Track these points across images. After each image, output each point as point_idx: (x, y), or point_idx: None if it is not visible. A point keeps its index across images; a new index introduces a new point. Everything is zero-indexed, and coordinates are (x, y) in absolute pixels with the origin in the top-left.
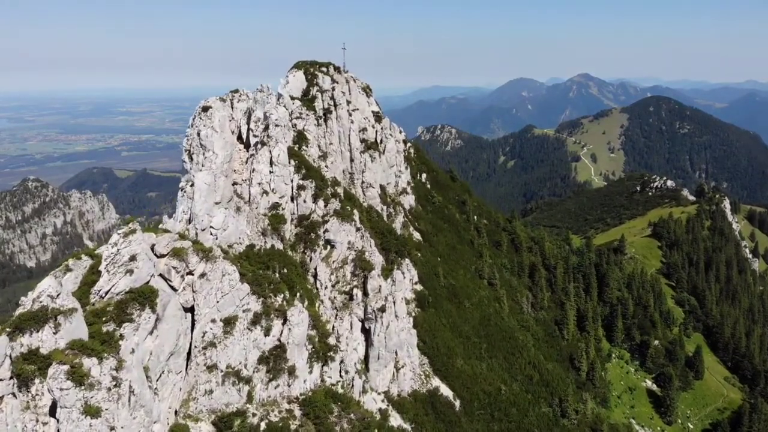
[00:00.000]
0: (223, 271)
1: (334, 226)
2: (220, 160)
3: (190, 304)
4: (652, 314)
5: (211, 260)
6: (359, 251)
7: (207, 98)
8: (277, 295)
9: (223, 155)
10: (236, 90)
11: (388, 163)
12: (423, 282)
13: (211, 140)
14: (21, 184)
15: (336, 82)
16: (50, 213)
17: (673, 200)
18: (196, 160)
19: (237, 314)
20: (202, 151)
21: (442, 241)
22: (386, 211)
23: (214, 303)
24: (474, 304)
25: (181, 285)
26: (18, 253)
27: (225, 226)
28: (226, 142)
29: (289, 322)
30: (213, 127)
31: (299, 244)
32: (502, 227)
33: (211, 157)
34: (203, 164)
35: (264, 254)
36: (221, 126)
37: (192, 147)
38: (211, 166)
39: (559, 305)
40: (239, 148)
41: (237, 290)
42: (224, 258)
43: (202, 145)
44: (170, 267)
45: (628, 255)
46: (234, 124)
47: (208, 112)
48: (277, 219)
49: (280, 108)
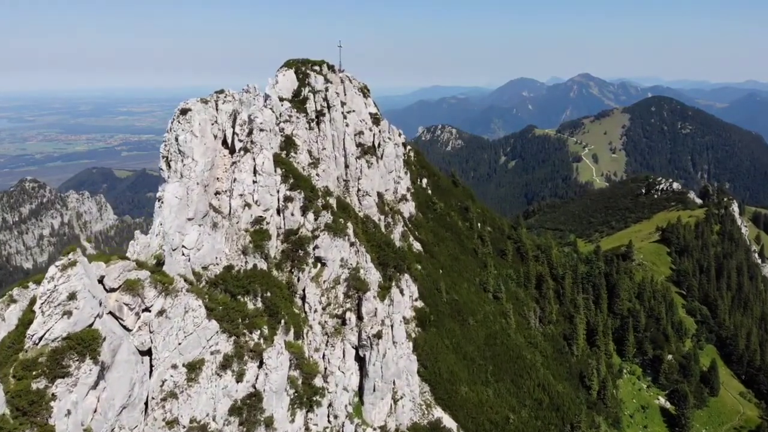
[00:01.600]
0: (186, 307)
1: (325, 242)
2: (200, 168)
3: (147, 347)
4: (665, 327)
5: (171, 294)
6: (353, 269)
7: (186, 99)
8: (253, 332)
9: (203, 162)
10: (221, 90)
11: (386, 168)
12: (424, 298)
13: (190, 146)
14: (18, 185)
15: (329, 82)
16: (47, 214)
17: (679, 203)
18: (174, 168)
19: (203, 357)
20: (181, 158)
21: (444, 252)
22: (384, 221)
23: (176, 345)
24: (479, 321)
25: (135, 324)
26: (15, 254)
27: (199, 246)
28: (207, 148)
29: (266, 365)
30: (192, 131)
31: (286, 263)
32: (507, 235)
33: (191, 164)
34: (182, 172)
35: (244, 276)
36: (202, 130)
37: (170, 153)
38: (190, 174)
39: (568, 318)
40: (223, 154)
41: (203, 329)
42: (188, 291)
43: (180, 152)
44: (122, 303)
45: (636, 261)
46: (217, 127)
47: (187, 115)
48: (261, 235)
49: (265, 111)
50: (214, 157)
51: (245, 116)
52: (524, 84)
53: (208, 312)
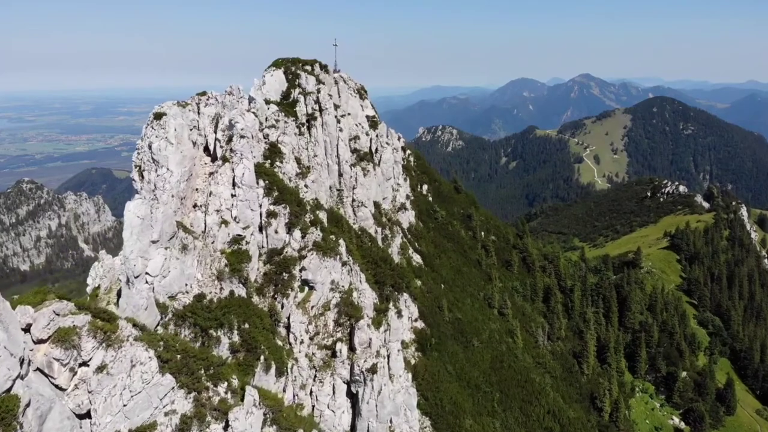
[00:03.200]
0: (134, 360)
1: (313, 263)
2: (175, 179)
3: (86, 409)
4: (679, 342)
5: (114, 344)
6: (345, 292)
7: (162, 102)
8: (219, 384)
9: (179, 172)
10: (203, 92)
11: (384, 175)
12: (424, 317)
13: (164, 154)
14: (15, 186)
15: (322, 83)
16: (45, 215)
17: (686, 207)
18: (148, 179)
19: (155, 420)
20: (155, 167)
21: (446, 264)
22: (381, 234)
23: (120, 407)
24: (484, 342)
25: (70, 383)
26: (12, 256)
27: (165, 272)
28: (184, 157)
29: (232, 429)
30: (167, 138)
31: (268, 287)
32: (512, 244)
33: (165, 175)
34: (155, 183)
35: (217, 306)
36: (178, 137)
37: (143, 162)
38: (165, 185)
39: (577, 334)
40: (205, 162)
41: (154, 386)
42: (137, 339)
43: (154, 161)
44: (52, 359)
45: (645, 269)
46: (197, 133)
47: (162, 120)
48: (239, 256)
49: (247, 115)
50: (192, 167)
51: (226, 121)
52: (525, 84)
53: (162, 364)
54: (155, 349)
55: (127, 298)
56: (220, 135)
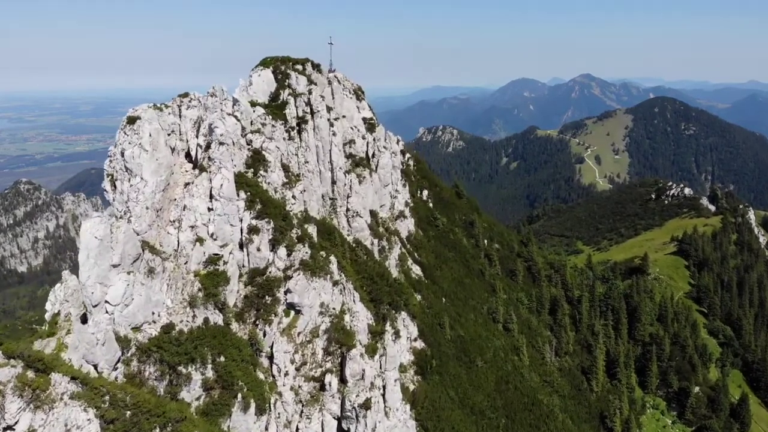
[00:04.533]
0: (69, 424)
1: (299, 284)
2: (150, 189)
3: None
4: (691, 355)
5: (45, 405)
6: (336, 316)
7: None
8: None
9: (154, 182)
10: (185, 94)
11: (381, 182)
12: (424, 337)
13: (138, 162)
14: (13, 187)
15: (313, 84)
16: (42, 216)
17: (692, 210)
18: (121, 189)
19: None
20: (128, 176)
21: (447, 275)
22: (378, 245)
23: None
24: (488, 362)
25: None
26: (9, 257)
27: (127, 300)
28: (160, 165)
29: None
30: (141, 144)
31: (249, 312)
32: (517, 252)
33: (139, 185)
34: (128, 194)
35: (188, 338)
36: (153, 143)
37: (116, 171)
38: (138, 196)
39: (586, 347)
40: (185, 170)
41: None
42: (74, 397)
43: (127, 169)
44: None
45: (652, 275)
46: (177, 138)
47: (135, 124)
48: (215, 279)
49: (228, 119)
50: (170, 175)
51: (207, 126)
52: (525, 84)
53: (105, 425)
54: (97, 407)
55: (79, 334)
56: (201, 140)
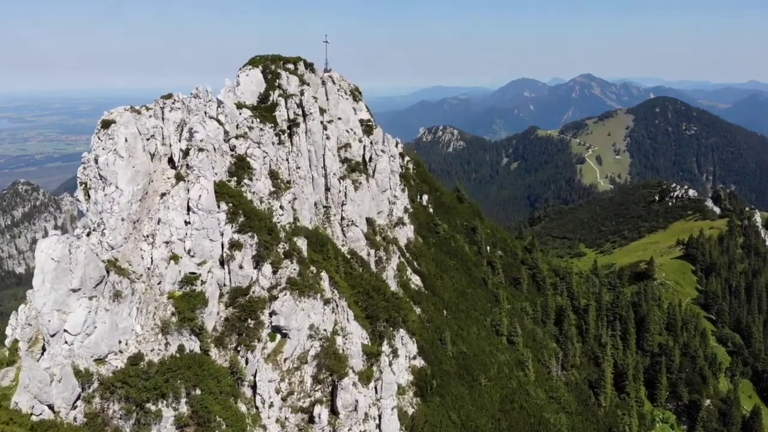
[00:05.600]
0: None
1: (286, 306)
2: (125, 199)
3: None
4: (702, 366)
5: None
6: (327, 339)
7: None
8: None
9: (131, 191)
10: (169, 95)
11: (379, 187)
12: (424, 354)
13: (112, 170)
14: (11, 188)
15: (305, 84)
16: (40, 217)
17: (697, 212)
18: (95, 199)
19: None
20: (102, 185)
21: (448, 286)
22: (375, 256)
23: None
24: (492, 379)
25: None
26: (7, 258)
27: (89, 329)
28: (137, 172)
29: None
30: (116, 150)
31: (230, 336)
32: (521, 259)
33: (113, 194)
34: (103, 205)
35: (159, 370)
36: (129, 148)
37: (89, 180)
38: (113, 207)
39: (593, 359)
40: (168, 177)
41: None
42: None
43: (101, 177)
44: None
45: (658, 281)
46: (156, 144)
47: (110, 129)
48: (191, 301)
49: (209, 123)
50: (148, 183)
51: (188, 130)
52: (526, 84)
53: None
54: None
55: (29, 371)
56: (184, 145)
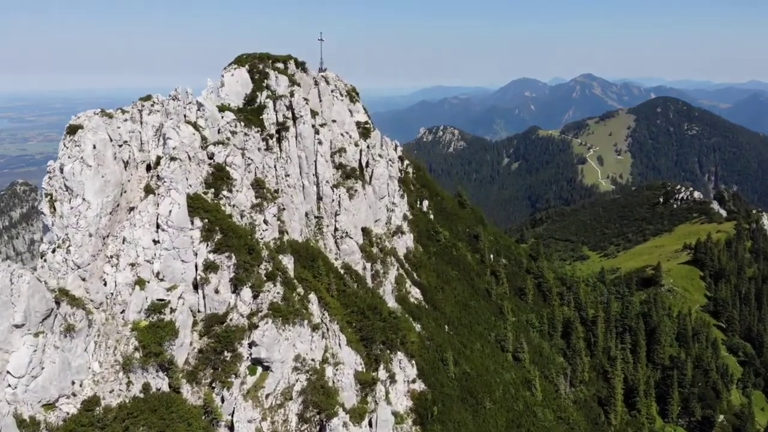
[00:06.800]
0: None
1: (268, 336)
2: (93, 213)
3: None
4: (716, 380)
5: None
6: (315, 370)
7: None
8: None
9: (99, 203)
10: (148, 96)
11: (376, 194)
12: (424, 377)
13: (79, 180)
14: (9, 188)
15: (296, 84)
16: (38, 218)
17: (702, 214)
18: (60, 212)
19: None
20: (69, 196)
21: (450, 298)
22: (371, 270)
23: None
24: (497, 401)
25: None
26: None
27: (35, 370)
28: (106, 183)
29: None
30: (83, 158)
31: (204, 370)
32: (526, 268)
33: (80, 207)
34: (68, 218)
35: (118, 416)
36: (98, 156)
37: (55, 191)
38: (79, 222)
39: (602, 374)
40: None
41: None
42: None
43: (67, 188)
44: None
45: (666, 287)
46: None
47: (77, 135)
48: (159, 333)
49: (183, 128)
50: (119, 195)
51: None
52: (526, 84)
53: None
54: None
55: None
56: (161, 152)
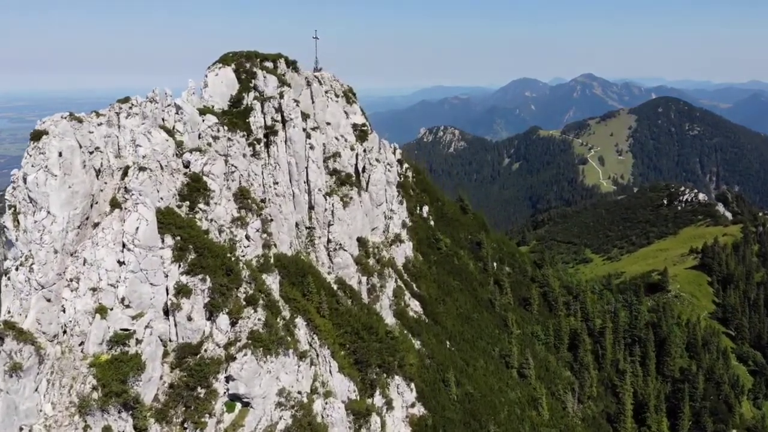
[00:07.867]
0: None
1: (247, 369)
2: (59, 228)
3: None
4: (728, 393)
5: None
6: (302, 405)
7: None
8: None
9: (65, 217)
10: (126, 98)
11: (373, 201)
12: (424, 399)
13: (43, 191)
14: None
15: (286, 85)
16: None
17: (708, 217)
18: (24, 226)
19: None
20: (33, 209)
21: (451, 311)
22: (367, 284)
23: None
24: (502, 424)
25: None
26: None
27: None
28: (74, 194)
29: None
30: (48, 167)
31: (175, 408)
32: (530, 276)
33: (44, 221)
34: (32, 233)
35: None
36: (65, 165)
37: (19, 202)
38: (42, 237)
39: (610, 389)
40: None
41: None
42: None
43: (31, 200)
44: None
45: (673, 292)
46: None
47: (41, 141)
48: (122, 368)
49: (155, 134)
50: (89, 207)
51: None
52: (527, 84)
53: None
54: None
55: None
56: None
